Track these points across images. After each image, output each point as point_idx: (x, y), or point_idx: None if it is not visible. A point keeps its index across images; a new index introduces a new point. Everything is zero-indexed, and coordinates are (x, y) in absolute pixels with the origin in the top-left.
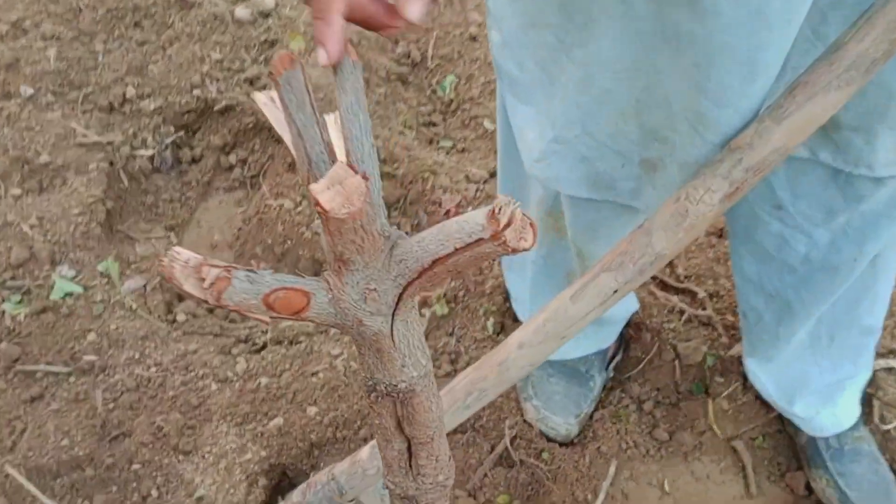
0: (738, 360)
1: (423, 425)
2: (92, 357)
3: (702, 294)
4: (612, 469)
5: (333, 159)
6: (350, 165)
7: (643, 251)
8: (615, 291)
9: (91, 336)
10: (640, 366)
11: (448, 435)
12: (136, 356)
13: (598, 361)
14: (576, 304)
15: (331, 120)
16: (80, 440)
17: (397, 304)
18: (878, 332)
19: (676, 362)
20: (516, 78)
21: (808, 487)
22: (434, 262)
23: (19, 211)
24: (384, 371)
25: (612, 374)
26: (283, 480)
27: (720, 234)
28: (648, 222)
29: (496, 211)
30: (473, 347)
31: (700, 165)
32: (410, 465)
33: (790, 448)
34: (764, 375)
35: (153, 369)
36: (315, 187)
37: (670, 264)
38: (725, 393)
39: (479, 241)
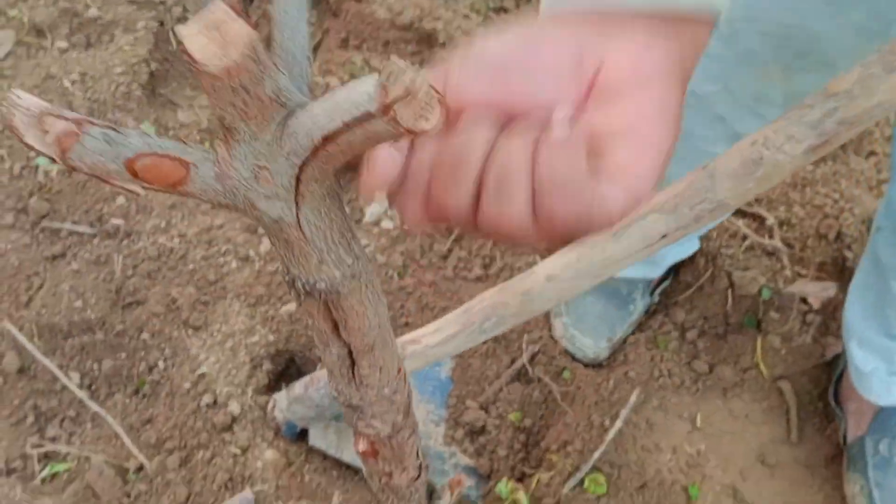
0: (800, 298)
1: (359, 332)
2: (118, 221)
3: (771, 221)
4: (633, 396)
5: None
6: (233, 7)
7: (703, 196)
8: (664, 236)
9: (120, 199)
10: (689, 291)
11: None
12: (162, 225)
13: (642, 285)
14: (616, 244)
15: None
16: (94, 303)
17: (298, 188)
18: None
19: (730, 291)
20: None
21: None
22: (325, 140)
23: (63, 65)
24: (298, 267)
25: (656, 300)
26: (290, 367)
27: None
28: (714, 163)
29: (386, 77)
30: (510, 253)
31: None
32: (353, 374)
33: None
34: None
35: (177, 240)
36: (184, 29)
37: None
38: (779, 330)
39: (367, 115)
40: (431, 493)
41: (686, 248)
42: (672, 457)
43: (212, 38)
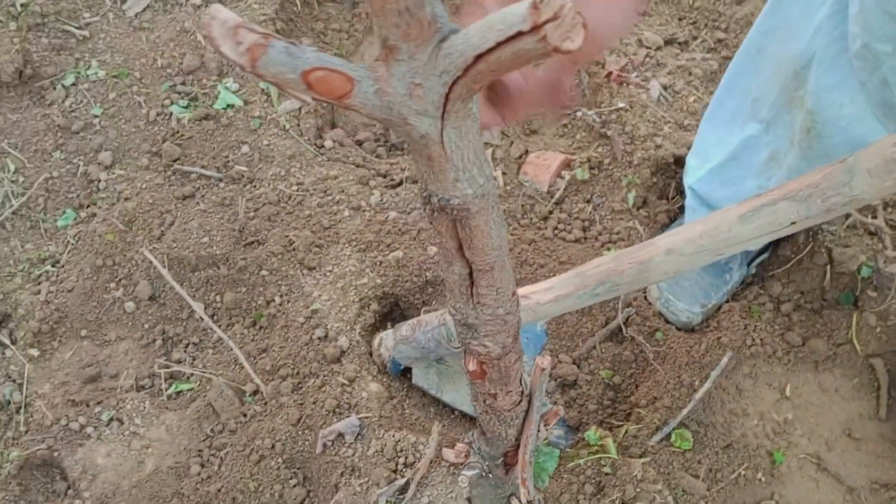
0: None
1: (482, 251)
2: (243, 168)
3: (876, 201)
4: (725, 359)
5: None
6: None
7: (838, 190)
8: (792, 223)
9: (245, 148)
10: (788, 265)
11: None
12: (282, 173)
13: (740, 256)
14: (742, 226)
15: None
16: (219, 240)
17: (445, 106)
18: None
19: (828, 268)
20: None
21: None
22: (477, 59)
23: (196, 20)
24: (436, 182)
25: (753, 271)
26: (394, 310)
27: None
28: (853, 158)
29: (539, 1)
30: (609, 218)
31: None
32: (471, 293)
33: None
34: None
35: (295, 188)
36: None
37: None
38: (876, 308)
39: (519, 34)
40: None
41: None
42: (759, 422)
43: None
